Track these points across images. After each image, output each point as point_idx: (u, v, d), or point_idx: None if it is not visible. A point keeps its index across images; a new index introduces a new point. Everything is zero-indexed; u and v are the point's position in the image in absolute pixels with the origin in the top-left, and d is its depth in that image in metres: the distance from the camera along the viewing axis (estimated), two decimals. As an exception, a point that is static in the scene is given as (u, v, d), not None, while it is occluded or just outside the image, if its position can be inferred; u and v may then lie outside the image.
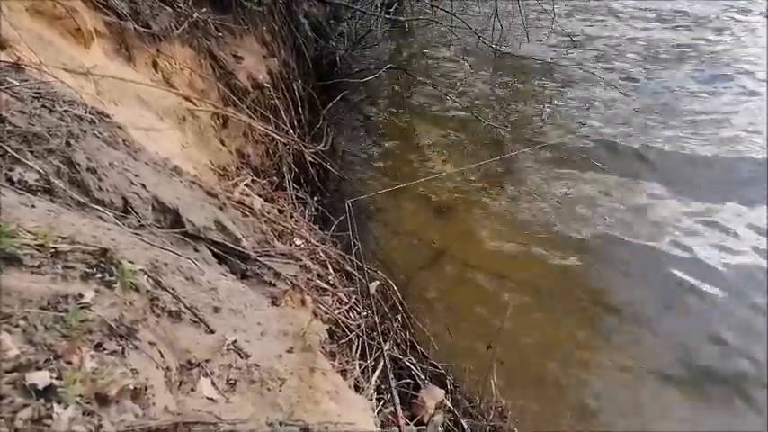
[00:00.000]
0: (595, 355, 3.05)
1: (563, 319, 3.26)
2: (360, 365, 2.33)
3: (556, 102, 6.06)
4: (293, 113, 4.54)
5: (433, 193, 4.42)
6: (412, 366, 2.64)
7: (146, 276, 1.39)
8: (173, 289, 1.44)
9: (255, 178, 3.47)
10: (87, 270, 1.28)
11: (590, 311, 3.32)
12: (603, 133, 5.32)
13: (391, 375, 2.10)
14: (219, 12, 4.09)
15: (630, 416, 2.75)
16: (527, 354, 3.02)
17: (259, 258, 2.19)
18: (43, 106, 1.89)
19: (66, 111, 1.93)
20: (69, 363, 0.98)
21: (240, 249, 2.13)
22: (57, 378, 0.93)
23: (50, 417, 0.87)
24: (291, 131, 4.28)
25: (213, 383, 1.33)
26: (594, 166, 4.77)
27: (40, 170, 1.61)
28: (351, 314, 2.60)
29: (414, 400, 2.43)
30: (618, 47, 7.35)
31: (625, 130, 5.35)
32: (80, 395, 0.94)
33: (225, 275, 1.96)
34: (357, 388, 2.15)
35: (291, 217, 3.22)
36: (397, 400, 1.92)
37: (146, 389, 1.08)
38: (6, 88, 1.85)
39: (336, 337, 2.40)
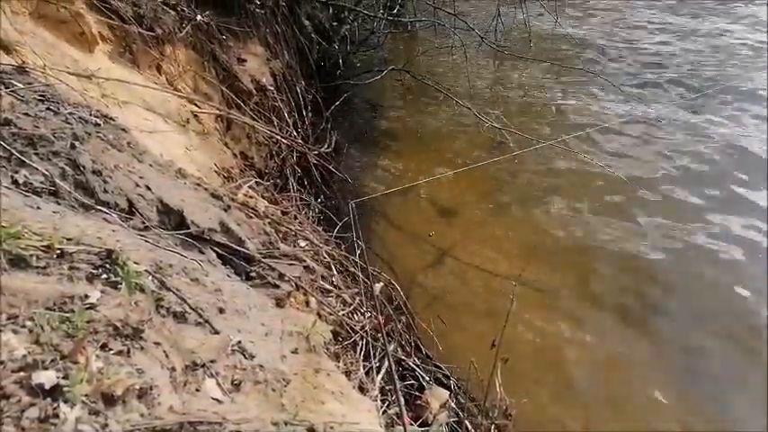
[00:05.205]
0: (601, 354, 3.03)
1: (568, 318, 3.24)
2: (364, 367, 2.33)
3: (559, 102, 6.05)
4: (296, 115, 4.55)
5: (437, 194, 4.42)
6: (416, 367, 2.64)
7: (151, 277, 1.39)
8: (178, 290, 1.45)
9: (259, 180, 3.48)
10: (93, 271, 1.28)
11: (595, 310, 3.30)
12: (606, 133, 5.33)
13: (396, 376, 2.09)
14: (223, 15, 4.11)
15: (632, 414, 2.73)
16: (532, 352, 3.01)
17: (263, 260, 2.19)
18: (48, 109, 1.90)
19: (70, 113, 1.94)
20: (75, 363, 0.99)
21: (244, 251, 2.14)
22: (63, 378, 0.94)
23: (57, 416, 0.88)
24: (295, 133, 4.30)
25: (218, 384, 1.33)
26: (597, 165, 4.76)
27: (46, 172, 1.62)
28: (355, 315, 2.59)
29: (418, 401, 2.43)
30: (620, 48, 7.36)
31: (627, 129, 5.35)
32: (86, 395, 0.94)
33: (229, 277, 1.96)
34: (362, 389, 2.14)
35: (295, 218, 3.22)
36: (402, 401, 1.91)
37: (151, 389, 1.08)
38: (11, 91, 1.86)
39: (341, 339, 2.40)
